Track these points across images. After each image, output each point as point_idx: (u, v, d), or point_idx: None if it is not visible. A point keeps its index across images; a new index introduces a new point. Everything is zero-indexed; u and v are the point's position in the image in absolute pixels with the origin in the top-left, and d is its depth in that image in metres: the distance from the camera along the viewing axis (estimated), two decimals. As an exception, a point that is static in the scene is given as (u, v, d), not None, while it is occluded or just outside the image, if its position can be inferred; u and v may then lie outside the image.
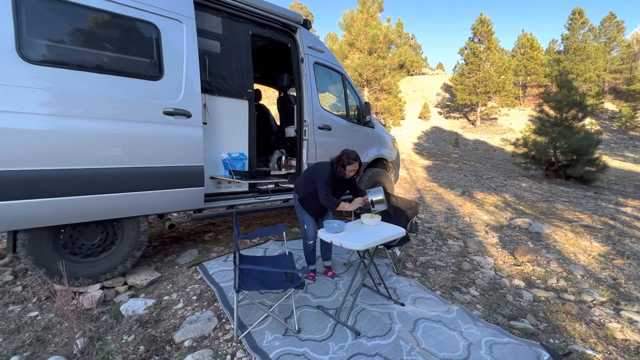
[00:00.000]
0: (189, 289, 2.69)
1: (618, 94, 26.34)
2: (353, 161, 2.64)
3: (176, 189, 2.74)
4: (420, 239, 4.18)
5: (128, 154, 2.48)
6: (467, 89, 22.86)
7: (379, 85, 16.92)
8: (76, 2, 2.26)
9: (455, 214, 5.67)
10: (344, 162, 2.63)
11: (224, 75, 3.22)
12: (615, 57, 27.81)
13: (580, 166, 9.72)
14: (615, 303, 2.84)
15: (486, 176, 10.49)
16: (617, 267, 3.64)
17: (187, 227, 4.37)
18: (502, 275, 3.27)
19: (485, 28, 23.18)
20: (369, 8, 16.07)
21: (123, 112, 2.45)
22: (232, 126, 3.33)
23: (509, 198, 7.17)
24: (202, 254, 3.41)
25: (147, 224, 2.79)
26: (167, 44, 2.66)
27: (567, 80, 11.20)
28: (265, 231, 2.70)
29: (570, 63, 24.53)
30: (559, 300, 2.84)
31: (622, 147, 19.24)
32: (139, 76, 2.53)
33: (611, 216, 5.88)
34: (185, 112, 2.72)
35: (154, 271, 2.93)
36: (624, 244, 4.39)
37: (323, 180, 2.62)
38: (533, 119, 12.02)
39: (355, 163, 2.66)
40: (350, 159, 2.63)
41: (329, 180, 2.64)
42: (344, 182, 2.81)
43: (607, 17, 28.61)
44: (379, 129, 4.91)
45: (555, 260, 3.72)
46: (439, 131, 22.59)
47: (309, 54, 3.82)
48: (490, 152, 18.14)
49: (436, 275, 3.19)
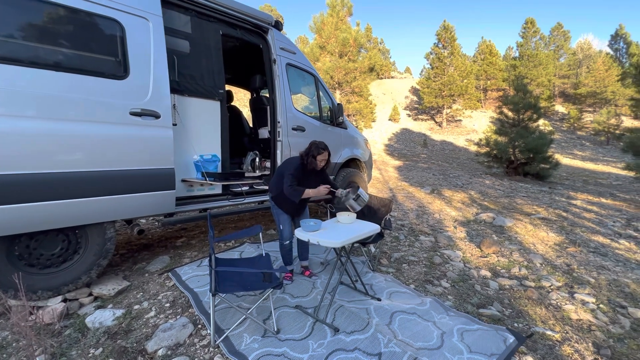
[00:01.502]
0: (161, 296, 2.58)
1: (567, 98, 28.75)
2: (322, 150, 2.69)
3: (145, 193, 2.63)
4: (394, 235, 4.30)
5: (90, 156, 2.33)
6: (434, 92, 23.90)
7: (350, 88, 17.22)
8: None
9: (425, 211, 5.89)
10: (313, 153, 2.67)
11: (194, 75, 3.14)
12: (564, 63, 30.35)
13: (536, 164, 10.47)
14: (569, 287, 3.10)
15: (453, 175, 11.00)
16: (570, 254, 3.96)
17: (157, 233, 4.19)
18: (470, 267, 3.45)
19: (448, 34, 24.39)
20: (338, 12, 16.33)
21: (84, 113, 2.31)
22: (203, 127, 3.25)
23: (474, 195, 7.57)
24: (174, 260, 3.28)
25: (113, 231, 2.64)
26: (133, 42, 2.55)
27: (522, 84, 12.05)
28: (241, 233, 2.65)
29: (524, 68, 26.42)
30: (521, 287, 3.05)
31: (572, 146, 21.00)
32: (102, 75, 2.41)
33: (564, 209, 6.39)
34: (153, 113, 2.62)
35: (122, 280, 2.78)
36: (576, 234, 4.79)
37: (290, 172, 2.64)
38: (494, 120, 12.79)
39: (325, 152, 2.70)
40: (319, 149, 2.67)
41: (295, 172, 2.67)
42: (316, 174, 2.82)
43: (556, 26, 31.19)
44: (351, 130, 5.01)
45: (517, 250, 3.99)
46: (408, 133, 23.37)
47: (282, 55, 3.83)
48: (456, 152, 19.05)
49: (410, 270, 3.30)
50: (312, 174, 2.79)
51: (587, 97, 25.29)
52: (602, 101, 24.60)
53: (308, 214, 3.00)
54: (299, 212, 2.93)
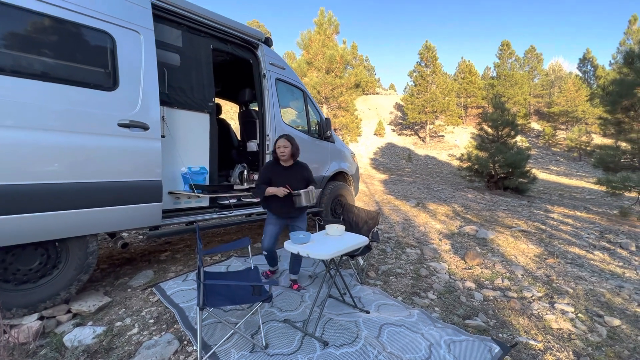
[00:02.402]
0: (144, 312, 2.50)
1: (541, 116, 30.26)
2: (279, 138, 2.79)
3: (131, 205, 2.58)
4: (381, 248, 4.35)
5: (75, 167, 2.28)
6: (417, 108, 24.66)
7: (336, 103, 17.55)
8: (26, 7, 2.11)
9: (411, 223, 5.99)
10: (275, 144, 2.79)
11: (183, 88, 3.16)
12: (537, 83, 32.11)
13: (515, 178, 10.88)
14: (549, 297, 3.21)
15: (437, 188, 11.26)
16: (549, 265, 4.11)
17: (140, 247, 4.07)
18: (455, 279, 3.52)
19: (430, 54, 25.43)
20: (325, 30, 16.81)
21: (70, 123, 2.27)
22: (192, 140, 3.25)
23: (457, 208, 7.77)
24: (158, 274, 3.19)
25: (96, 244, 2.56)
26: (123, 55, 2.56)
27: (500, 102, 12.64)
28: (229, 246, 2.62)
29: (502, 87, 27.78)
30: (504, 298, 3.13)
31: (547, 162, 21.96)
32: (91, 86, 2.39)
33: (542, 221, 6.64)
34: (142, 125, 2.61)
35: (103, 296, 2.68)
36: (554, 245, 4.98)
37: (260, 171, 2.75)
38: (474, 136, 13.28)
39: (282, 139, 2.77)
40: (278, 138, 2.78)
41: (264, 170, 2.80)
42: (292, 173, 2.82)
43: (529, 49, 33.13)
44: (339, 144, 5.10)
45: (499, 262, 4.10)
46: (393, 147, 23.86)
47: (271, 70, 3.90)
48: (439, 166, 19.55)
49: (397, 282, 3.34)
50: (286, 172, 2.81)
51: (560, 115, 26.72)
52: (574, 119, 26.02)
53: (305, 219, 3.00)
54: (292, 216, 2.91)
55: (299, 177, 2.84)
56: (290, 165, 2.86)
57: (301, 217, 2.98)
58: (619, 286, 3.54)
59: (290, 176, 2.81)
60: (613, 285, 3.56)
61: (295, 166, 2.88)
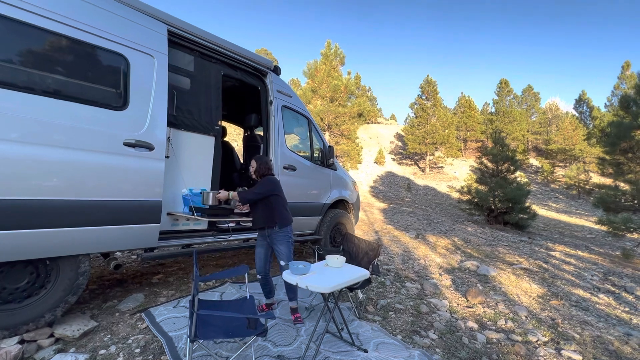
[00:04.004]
0: (131, 339, 2.37)
1: (539, 152, 30.72)
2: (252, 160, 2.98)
3: (128, 225, 2.52)
4: (380, 281, 4.22)
5: (73, 184, 2.24)
6: (417, 139, 25.07)
7: (339, 131, 17.85)
8: (46, 28, 2.18)
9: (411, 256, 5.87)
10: None
11: (192, 110, 3.21)
12: (535, 121, 32.92)
13: (515, 213, 10.83)
14: (556, 343, 3.06)
15: (437, 220, 11.17)
16: (553, 307, 3.97)
17: (132, 269, 3.95)
18: (457, 318, 3.38)
19: (431, 88, 26.25)
20: (331, 61, 17.45)
21: (74, 140, 2.26)
22: (196, 161, 3.25)
23: (458, 241, 7.66)
24: (148, 298, 3.07)
25: (88, 264, 2.48)
26: (136, 76, 2.61)
27: (500, 137, 12.87)
28: (226, 273, 2.54)
29: (501, 123, 28.42)
30: (508, 341, 2.99)
31: (546, 198, 21.99)
32: (101, 105, 2.42)
33: (544, 260, 6.52)
34: (147, 145, 2.61)
35: (90, 320, 2.55)
36: (557, 286, 4.84)
37: None
38: (474, 169, 13.40)
39: (253, 161, 2.97)
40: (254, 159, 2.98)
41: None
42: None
43: (527, 88, 34.31)
44: (341, 172, 5.11)
45: (502, 301, 3.97)
46: (392, 176, 23.97)
47: (278, 98, 3.99)
48: (439, 197, 19.54)
49: (396, 319, 3.20)
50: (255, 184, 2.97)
51: (558, 152, 27.12)
52: (572, 157, 26.39)
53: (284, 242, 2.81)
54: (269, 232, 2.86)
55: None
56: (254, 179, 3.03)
57: (277, 238, 2.80)
58: (627, 334, 3.40)
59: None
60: (621, 333, 3.42)
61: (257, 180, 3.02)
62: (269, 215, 2.81)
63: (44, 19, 2.17)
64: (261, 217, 2.83)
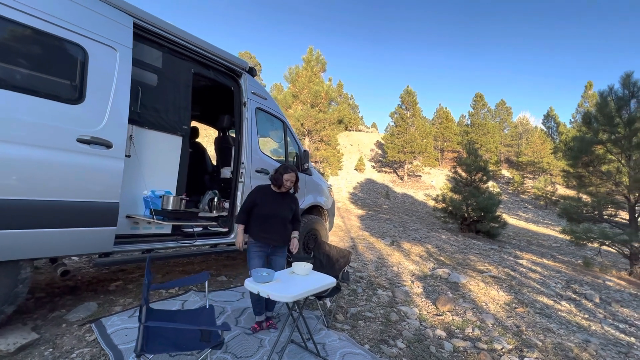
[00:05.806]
0: (75, 354, 2.17)
1: (511, 164, 32.11)
2: (290, 170, 2.72)
3: (79, 228, 2.33)
4: (352, 288, 4.17)
5: (15, 182, 2.04)
6: (396, 147, 25.55)
7: (319, 136, 17.86)
8: None
9: (385, 263, 5.87)
10: (281, 170, 2.72)
11: (158, 108, 3.05)
12: (507, 134, 34.45)
13: (486, 222, 11.17)
14: (519, 350, 3.11)
15: (412, 227, 11.33)
16: (519, 314, 4.06)
17: (89, 274, 3.69)
18: (426, 326, 3.37)
19: (411, 98, 26.93)
20: (313, 67, 17.51)
21: (18, 134, 2.05)
22: (160, 162, 3.09)
23: (431, 249, 7.77)
24: (102, 307, 2.85)
25: (29, 270, 2.26)
26: (94, 69, 2.45)
27: (473, 148, 13.31)
28: (186, 280, 2.39)
29: (475, 135, 29.51)
30: (474, 349, 3.00)
31: (517, 208, 22.94)
32: (50, 97, 2.22)
33: (512, 268, 6.72)
34: (105, 142, 2.44)
35: (30, 332, 2.32)
36: (523, 293, 4.98)
37: (248, 195, 2.80)
38: (449, 178, 13.76)
39: (292, 173, 2.72)
40: (287, 169, 2.72)
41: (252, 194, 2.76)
42: (283, 199, 2.78)
43: (500, 102, 35.93)
44: (316, 177, 5.05)
45: (470, 309, 4.01)
46: (372, 183, 24.24)
47: (252, 99, 3.89)
48: (416, 205, 19.91)
49: (366, 328, 3.15)
50: (278, 197, 2.76)
51: (528, 165, 28.45)
52: (540, 170, 27.74)
53: (285, 254, 2.86)
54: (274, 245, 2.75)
55: (287, 207, 2.80)
56: (283, 192, 2.80)
57: (280, 252, 2.82)
58: (586, 340, 3.52)
59: (280, 202, 2.76)
60: (580, 340, 3.53)
61: (287, 194, 2.83)
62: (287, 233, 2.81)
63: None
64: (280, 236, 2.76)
